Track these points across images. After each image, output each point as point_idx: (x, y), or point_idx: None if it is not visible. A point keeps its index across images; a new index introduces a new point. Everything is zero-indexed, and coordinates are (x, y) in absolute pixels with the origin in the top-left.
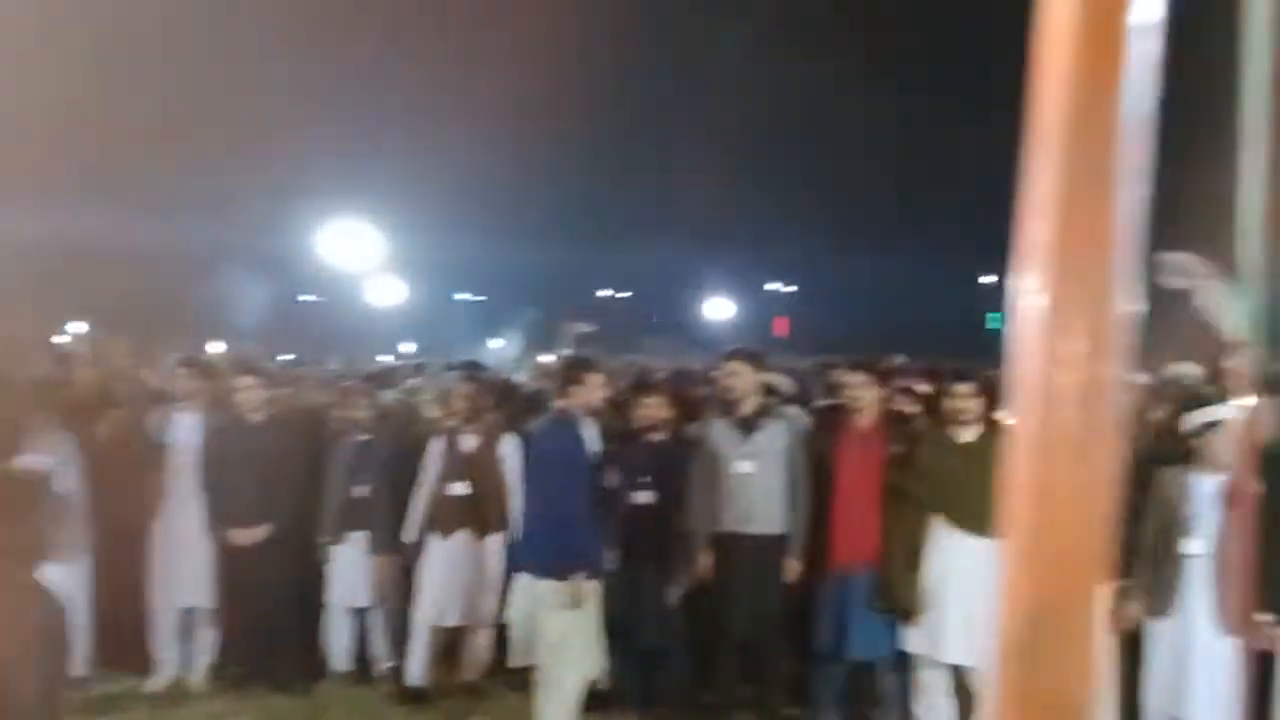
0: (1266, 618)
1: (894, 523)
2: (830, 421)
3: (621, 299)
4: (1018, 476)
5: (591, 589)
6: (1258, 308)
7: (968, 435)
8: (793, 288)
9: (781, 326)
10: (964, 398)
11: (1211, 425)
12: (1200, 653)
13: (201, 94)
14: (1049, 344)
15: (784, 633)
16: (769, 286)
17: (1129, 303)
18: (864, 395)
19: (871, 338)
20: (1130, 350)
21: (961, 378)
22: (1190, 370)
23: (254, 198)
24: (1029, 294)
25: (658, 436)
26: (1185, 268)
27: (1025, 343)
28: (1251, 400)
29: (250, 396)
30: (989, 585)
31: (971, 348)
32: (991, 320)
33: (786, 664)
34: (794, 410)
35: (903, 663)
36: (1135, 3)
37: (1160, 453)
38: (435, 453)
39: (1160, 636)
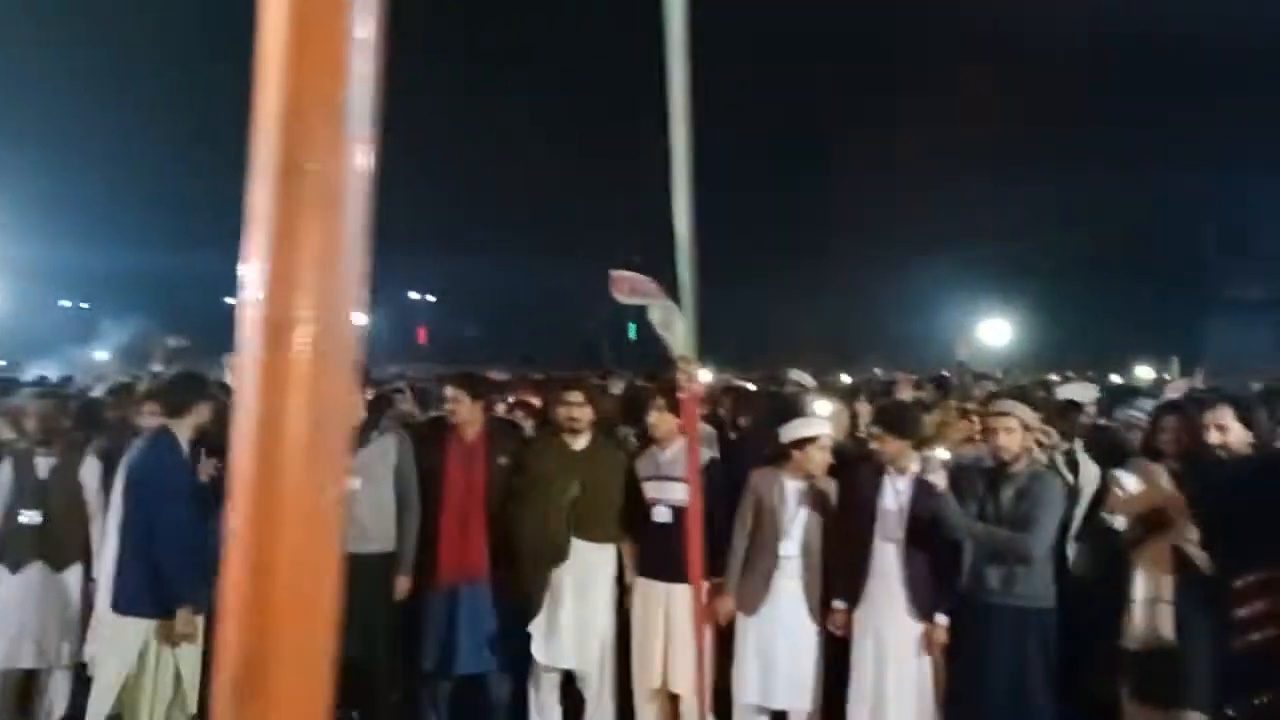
0: (840, 605)
1: (510, 532)
2: (435, 435)
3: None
4: (242, 491)
5: (195, 624)
6: (691, 326)
7: (579, 443)
8: (432, 297)
9: (422, 335)
10: (574, 406)
11: (809, 437)
12: (785, 642)
13: None
14: (271, 359)
15: (392, 651)
16: (412, 295)
17: (356, 317)
18: (462, 409)
19: (514, 346)
20: (359, 365)
21: (570, 386)
22: (801, 378)
23: None
24: (252, 305)
25: None
26: (637, 287)
27: (249, 358)
28: (829, 410)
29: None
30: (603, 591)
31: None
32: (631, 329)
33: (395, 683)
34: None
35: (513, 673)
36: (354, 20)
37: (758, 456)
38: (3, 477)
39: (750, 630)
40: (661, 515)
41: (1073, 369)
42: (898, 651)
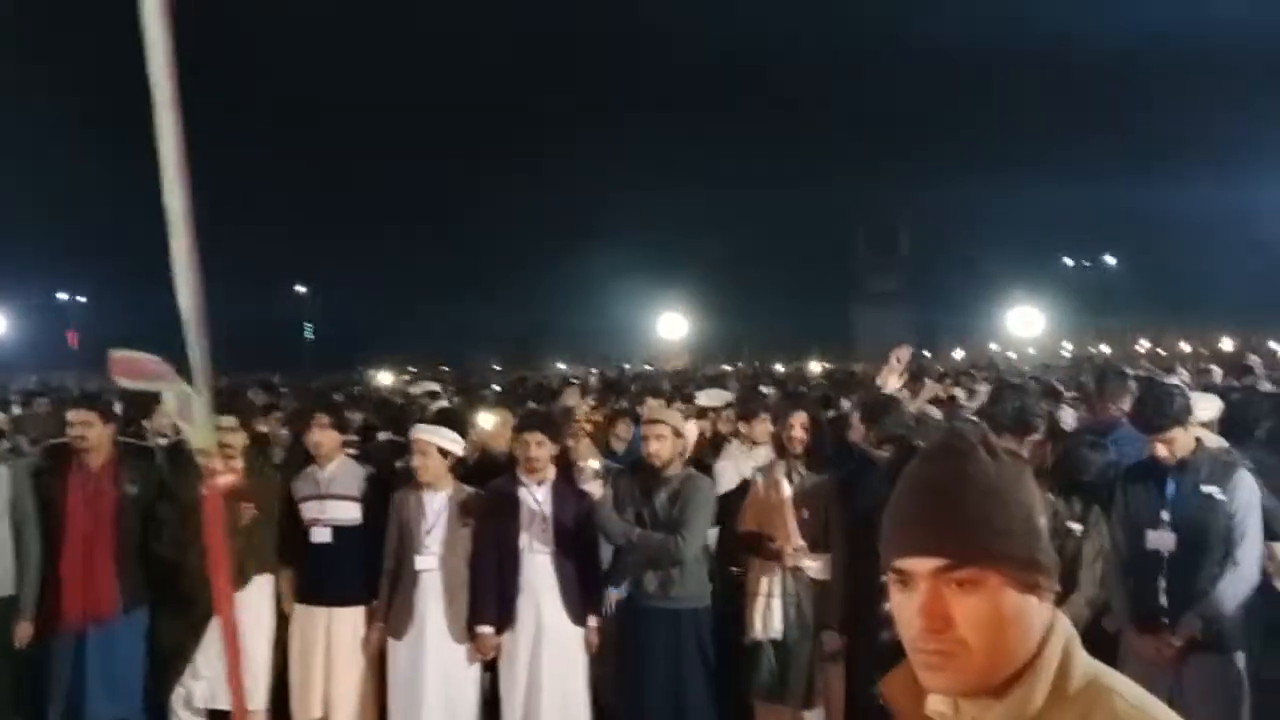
0: (484, 630)
1: (154, 567)
2: (56, 464)
3: None
4: None
5: None
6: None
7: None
8: (82, 298)
9: (73, 339)
10: (226, 431)
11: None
12: (432, 665)
13: None
14: None
15: (15, 704)
16: (60, 296)
17: None
18: (89, 433)
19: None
20: None
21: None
22: (431, 387)
23: None
24: None
25: None
26: (141, 369)
27: None
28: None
29: None
30: (261, 623)
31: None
32: (307, 330)
33: None
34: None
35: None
36: None
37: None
38: None
39: (399, 654)
40: (320, 536)
41: (743, 361)
42: (552, 666)
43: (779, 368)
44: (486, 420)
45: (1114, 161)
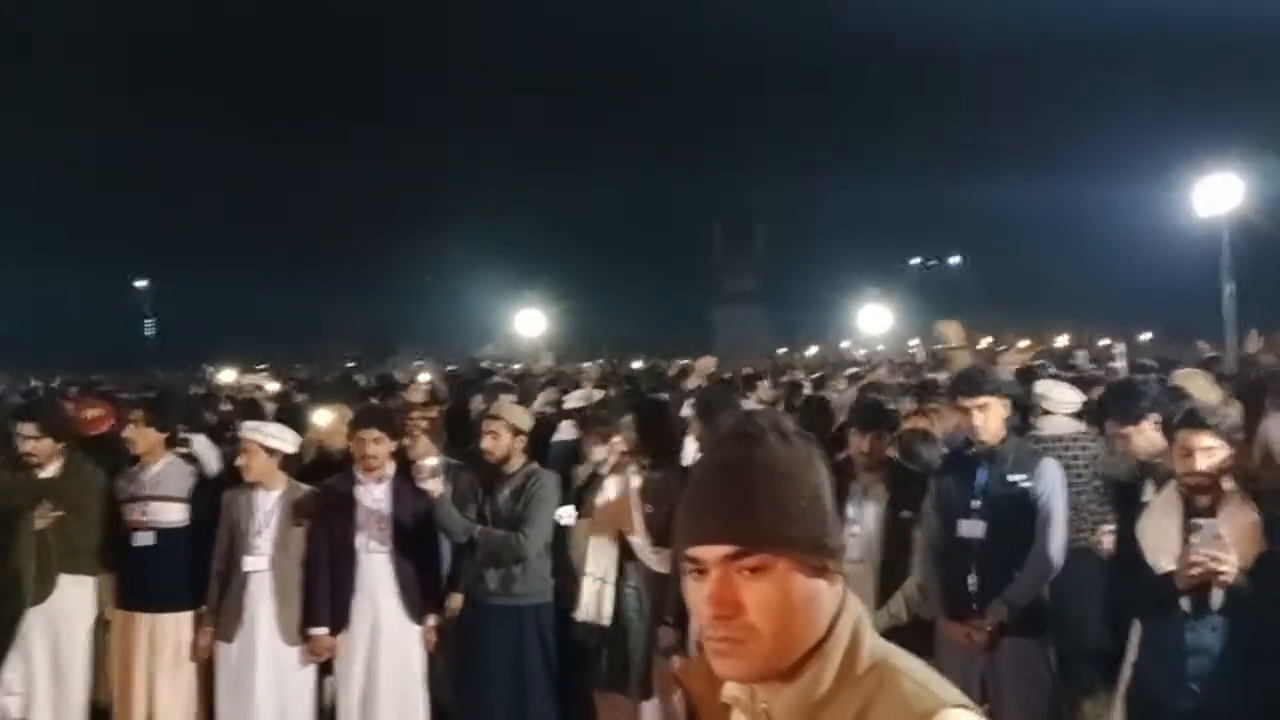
0: (318, 631)
1: None
2: None
3: None
4: None
5: None
6: None
7: (49, 471)
8: None
9: None
10: (28, 440)
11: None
12: (264, 668)
13: None
14: None
15: None
16: None
17: None
18: None
19: (20, 351)
20: None
21: (22, 417)
22: (259, 382)
23: None
24: None
25: None
26: None
27: None
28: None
29: None
30: (80, 631)
31: (130, 357)
32: (148, 326)
33: None
34: None
35: None
36: None
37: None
38: None
39: (229, 658)
40: (143, 539)
41: (603, 359)
42: (389, 667)
43: (637, 365)
44: (322, 417)
45: (959, 162)
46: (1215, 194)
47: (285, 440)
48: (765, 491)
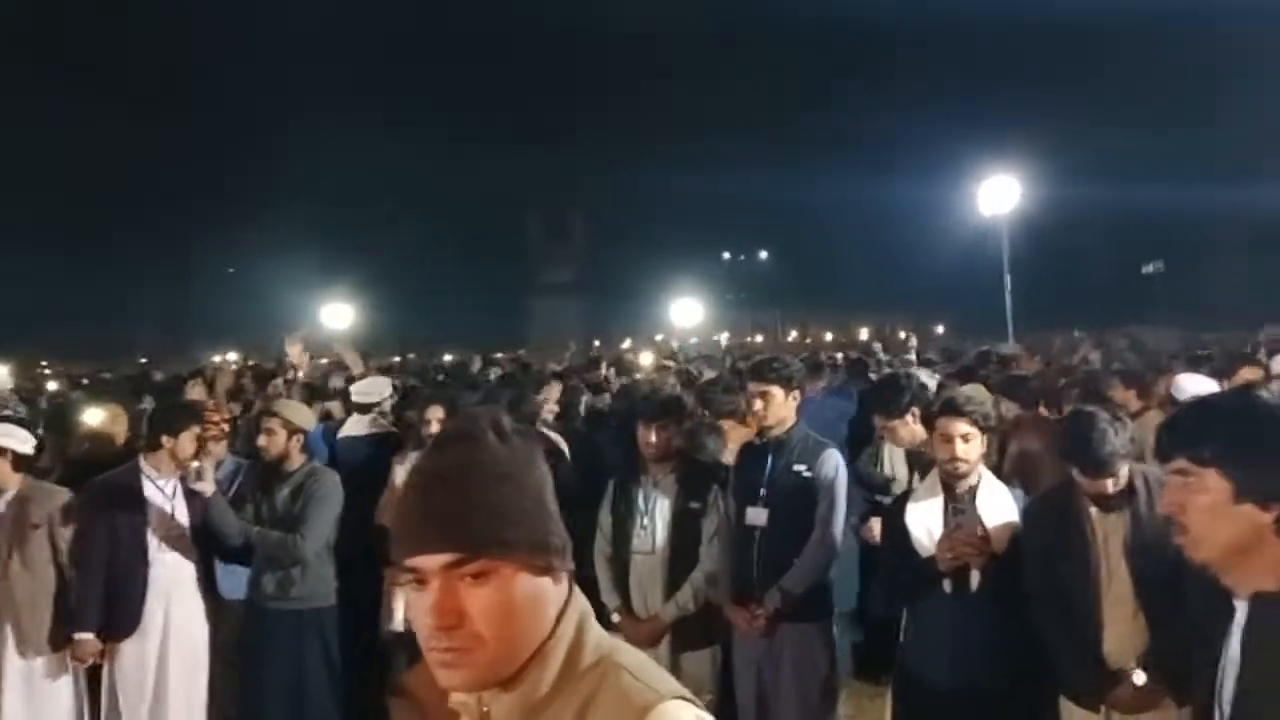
0: (85, 635)
1: None
2: None
3: None
4: None
5: None
6: None
7: None
8: None
9: None
10: None
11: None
12: (10, 685)
13: None
14: None
15: None
16: None
17: None
18: None
19: None
20: None
21: None
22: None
23: None
24: None
25: None
26: None
27: None
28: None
29: None
30: None
31: None
32: None
33: None
34: None
35: None
36: None
37: None
38: None
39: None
40: None
41: (414, 353)
42: (179, 670)
43: (448, 358)
44: (94, 416)
45: (768, 158)
46: (996, 194)
47: (15, 439)
48: (485, 495)
